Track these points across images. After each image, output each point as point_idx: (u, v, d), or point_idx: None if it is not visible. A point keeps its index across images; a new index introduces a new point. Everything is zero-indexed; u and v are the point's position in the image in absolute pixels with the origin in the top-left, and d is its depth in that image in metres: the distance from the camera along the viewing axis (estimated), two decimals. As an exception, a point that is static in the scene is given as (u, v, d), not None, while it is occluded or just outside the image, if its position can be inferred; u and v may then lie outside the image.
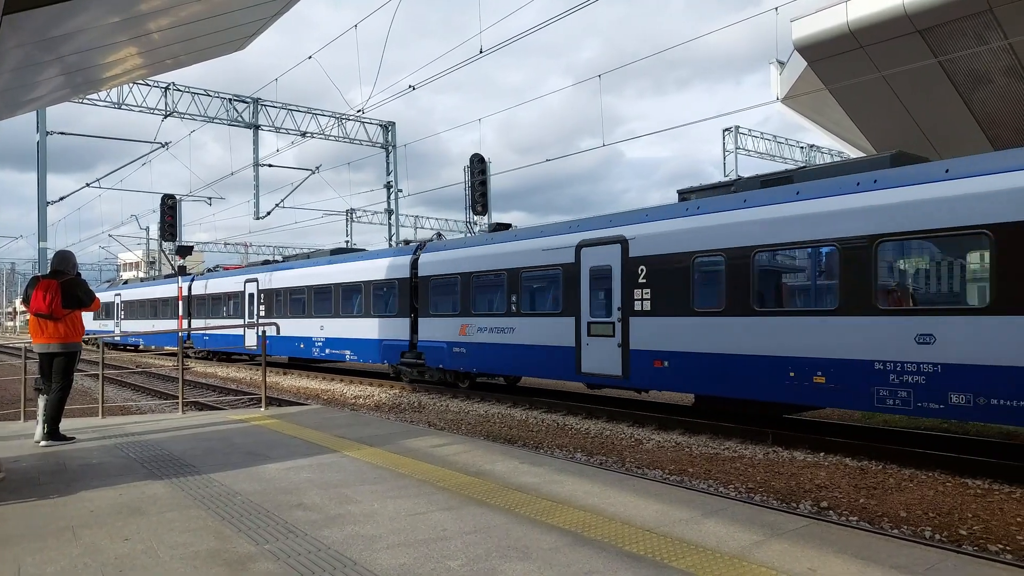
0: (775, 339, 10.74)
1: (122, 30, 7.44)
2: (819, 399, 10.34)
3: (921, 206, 9.19)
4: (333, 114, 30.57)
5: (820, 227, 10.26)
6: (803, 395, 10.44)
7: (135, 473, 6.66)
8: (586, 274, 14.03)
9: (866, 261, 9.68)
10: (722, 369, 11.48)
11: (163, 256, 48.22)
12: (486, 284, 16.66)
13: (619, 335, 13.24)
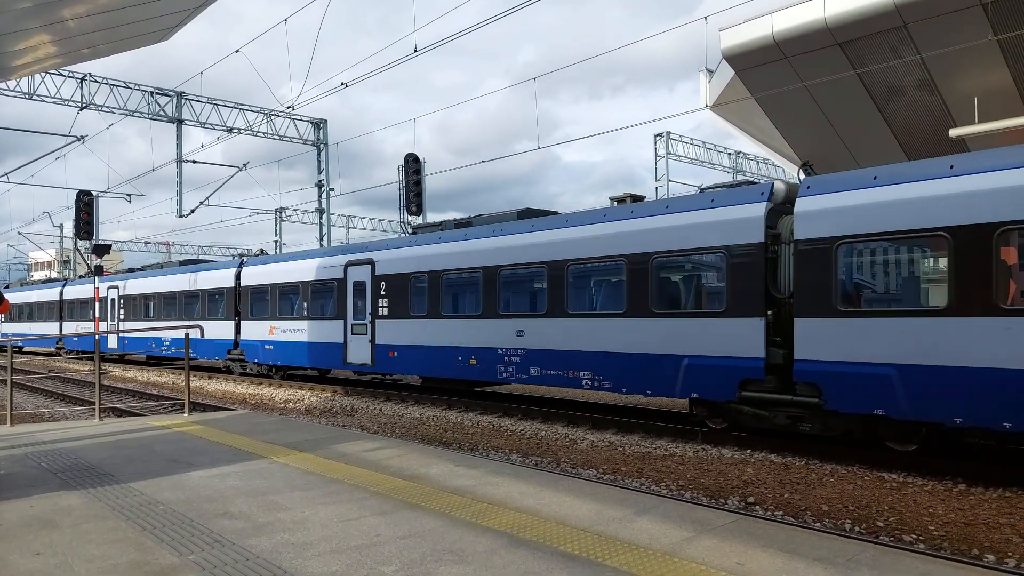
0: (453, 335, 15.29)
1: (34, 16, 7.08)
2: (475, 375, 14.88)
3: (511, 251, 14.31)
4: (262, 110, 29.83)
5: (472, 259, 15.07)
6: (468, 373, 14.95)
7: (48, 484, 6.32)
8: (350, 287, 18.21)
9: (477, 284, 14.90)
10: (429, 356, 15.93)
11: (78, 255, 46.16)
12: (286, 292, 20.43)
13: (370, 333, 17.46)
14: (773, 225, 10.46)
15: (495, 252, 14.46)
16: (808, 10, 19.44)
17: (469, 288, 15.22)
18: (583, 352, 12.64)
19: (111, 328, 29.54)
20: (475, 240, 15.05)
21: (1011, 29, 15.94)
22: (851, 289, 9.70)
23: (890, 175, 9.27)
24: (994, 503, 7.48)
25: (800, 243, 9.82)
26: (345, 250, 19.39)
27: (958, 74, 19.18)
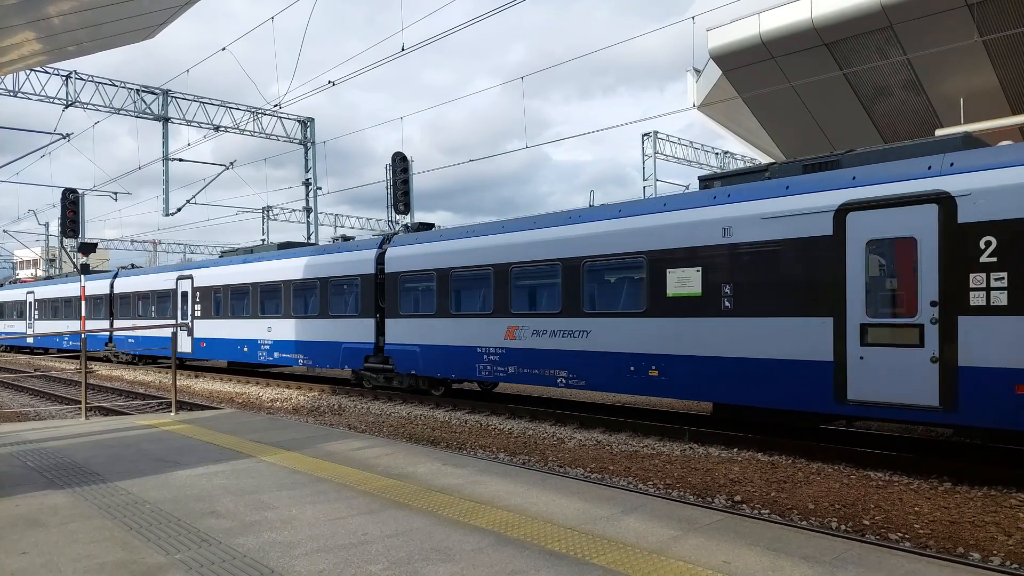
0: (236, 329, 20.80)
1: (18, 13, 7.01)
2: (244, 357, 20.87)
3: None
4: (248, 108, 29.68)
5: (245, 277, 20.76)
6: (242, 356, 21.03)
7: (33, 483, 6.28)
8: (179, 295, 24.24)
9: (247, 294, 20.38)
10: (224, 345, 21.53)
11: (64, 253, 45.78)
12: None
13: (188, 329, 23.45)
14: (382, 263, 16.93)
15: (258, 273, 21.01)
16: (795, 10, 19.55)
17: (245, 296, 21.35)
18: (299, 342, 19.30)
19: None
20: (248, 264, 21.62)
21: (997, 30, 16.08)
22: (405, 302, 16.29)
23: (428, 237, 16.34)
24: (979, 502, 7.55)
25: (387, 275, 16.69)
26: (176, 268, 26.09)
27: (944, 75, 19.34)
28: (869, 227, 9.20)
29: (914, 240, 8.81)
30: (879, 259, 9.26)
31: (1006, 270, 8.08)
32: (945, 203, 8.56)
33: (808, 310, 9.72)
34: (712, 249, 10.75)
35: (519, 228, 13.95)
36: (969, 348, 8.32)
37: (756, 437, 10.48)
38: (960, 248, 8.40)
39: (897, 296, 9.09)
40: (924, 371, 8.64)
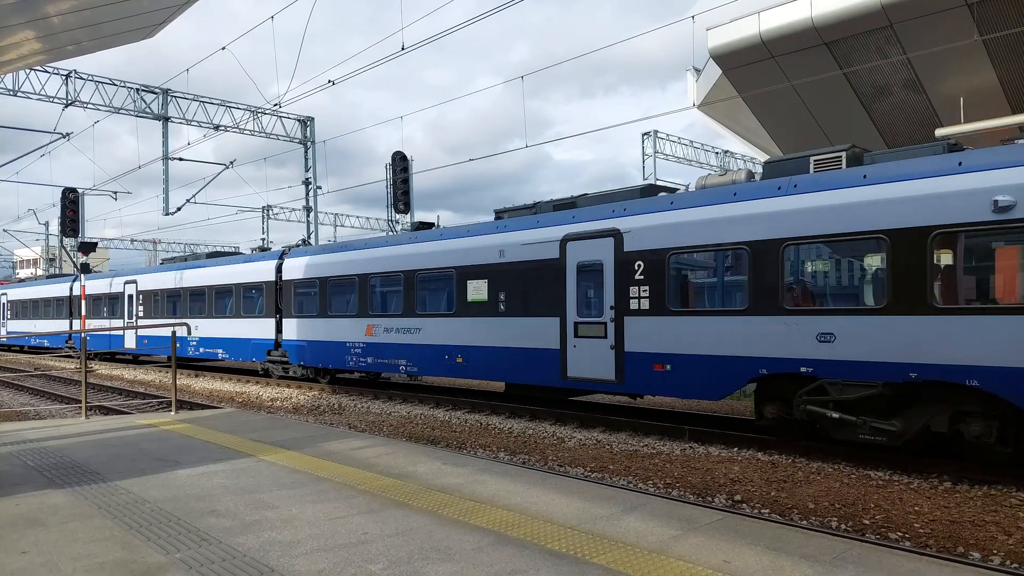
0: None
1: (18, 12, 7.01)
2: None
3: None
4: (248, 107, 29.66)
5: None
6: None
7: (34, 482, 6.28)
8: (126, 298, 26.97)
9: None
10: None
11: (64, 253, 45.77)
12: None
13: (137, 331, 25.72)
14: (281, 271, 19.92)
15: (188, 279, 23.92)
16: (795, 10, 19.54)
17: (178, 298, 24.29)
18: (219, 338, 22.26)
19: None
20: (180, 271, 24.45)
21: (996, 29, 16.08)
22: (296, 305, 19.19)
23: (314, 250, 19.68)
24: (979, 501, 7.55)
25: (283, 282, 19.79)
26: (125, 273, 28.86)
27: (944, 74, 19.33)
28: (579, 252, 12.48)
29: (601, 262, 12.08)
30: (584, 276, 12.44)
31: (648, 285, 11.40)
32: (617, 237, 11.81)
33: (548, 312, 12.91)
34: (494, 266, 13.88)
35: (377, 245, 17.16)
36: (630, 339, 11.66)
37: (756, 437, 10.49)
38: (625, 269, 11.66)
39: (593, 302, 12.30)
40: (607, 355, 11.99)
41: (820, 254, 9.97)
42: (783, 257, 9.76)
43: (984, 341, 8.07)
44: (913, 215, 8.61)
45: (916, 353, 8.58)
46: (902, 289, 8.66)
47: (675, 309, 11.10)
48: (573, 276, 12.54)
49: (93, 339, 28.49)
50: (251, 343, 20.88)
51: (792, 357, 9.68)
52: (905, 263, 8.65)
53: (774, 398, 10.17)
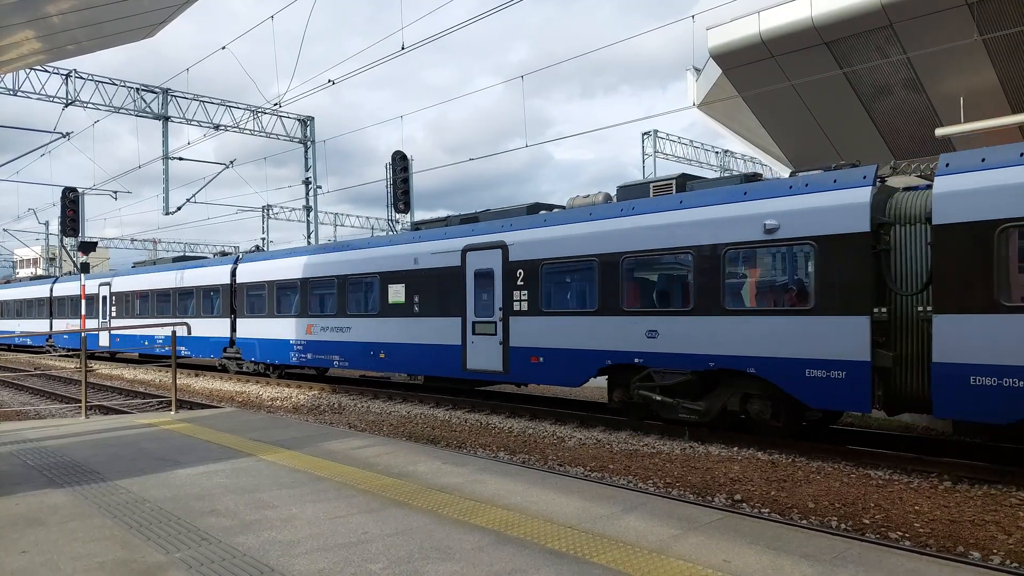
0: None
1: (18, 12, 7.00)
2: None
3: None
4: (248, 107, 29.66)
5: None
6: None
7: (33, 481, 6.28)
8: (100, 299, 28.68)
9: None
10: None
11: (64, 252, 45.76)
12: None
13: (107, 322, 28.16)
14: (235, 276, 21.65)
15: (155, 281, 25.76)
16: (795, 9, 19.52)
17: (147, 299, 26.07)
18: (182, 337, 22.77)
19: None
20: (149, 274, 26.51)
21: (996, 29, 16.07)
22: (248, 306, 21.19)
23: (263, 256, 21.89)
24: (979, 500, 7.55)
25: (237, 285, 21.45)
26: (100, 275, 30.47)
27: (944, 73, 19.31)
28: (476, 261, 14.33)
29: (492, 270, 13.97)
30: (480, 281, 14.22)
31: (526, 289, 13.32)
32: (504, 248, 13.75)
33: (452, 312, 14.75)
34: (410, 272, 15.75)
35: (316, 252, 19.22)
36: (513, 336, 13.52)
37: (756, 436, 10.49)
38: (510, 276, 13.59)
39: (486, 304, 14.09)
40: (497, 350, 13.84)
41: (649, 265, 11.93)
42: (622, 267, 11.87)
43: (759, 337, 10.15)
44: (711, 234, 10.69)
45: (713, 346, 10.64)
46: (703, 294, 10.73)
47: (546, 310, 13.11)
48: (471, 282, 14.46)
49: (71, 337, 30.48)
50: (209, 341, 22.63)
51: (629, 350, 11.75)
52: (705, 273, 10.76)
53: (619, 385, 12.20)
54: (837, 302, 9.45)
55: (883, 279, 9.21)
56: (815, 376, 9.62)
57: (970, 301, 8.34)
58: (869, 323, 9.13)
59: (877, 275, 9.24)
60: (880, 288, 9.24)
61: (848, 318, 9.34)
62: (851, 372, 9.26)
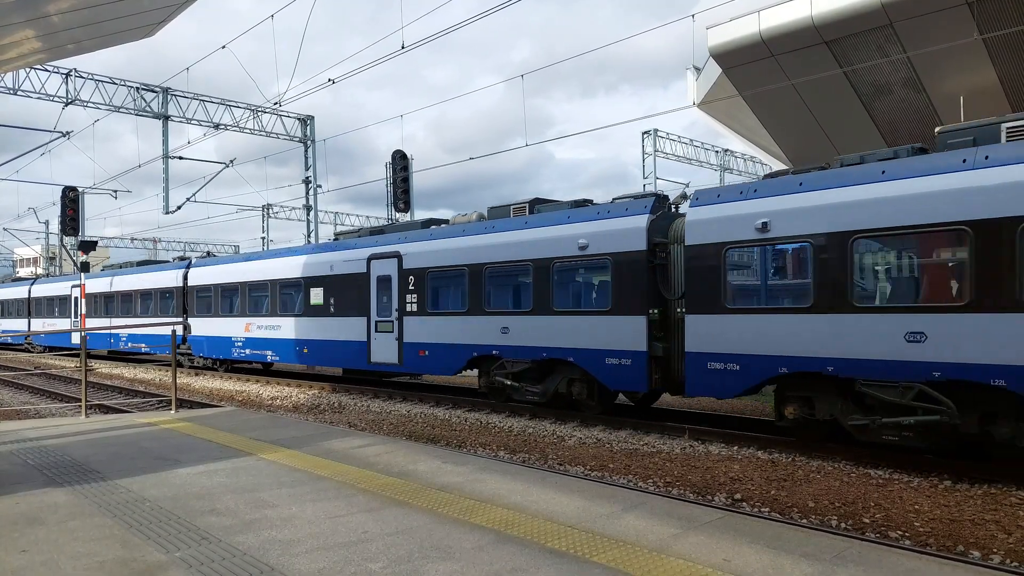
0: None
1: (17, 11, 7.00)
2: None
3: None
4: (248, 106, 29.64)
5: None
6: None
7: (33, 480, 6.28)
8: (72, 300, 30.32)
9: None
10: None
11: (64, 251, 45.75)
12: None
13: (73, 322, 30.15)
14: (187, 279, 23.80)
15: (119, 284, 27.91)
16: (795, 8, 19.51)
17: (112, 301, 28.03)
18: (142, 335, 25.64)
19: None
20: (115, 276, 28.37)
21: (996, 28, 16.06)
22: (197, 307, 23.32)
23: (209, 262, 23.53)
24: (979, 500, 7.55)
25: (189, 288, 23.70)
26: (70, 277, 32.49)
27: (944, 73, 19.31)
28: (378, 268, 16.63)
29: (391, 276, 16.24)
30: (381, 286, 16.54)
31: (416, 293, 15.68)
32: (399, 258, 16.07)
33: (359, 313, 17.01)
34: (327, 277, 18.05)
35: (255, 258, 21.60)
36: (406, 333, 15.87)
37: (756, 435, 10.49)
38: (404, 281, 15.92)
39: (386, 306, 16.41)
40: (394, 345, 16.13)
41: (503, 273, 14.07)
42: (485, 275, 14.17)
43: (575, 332, 12.59)
44: (544, 250, 13.10)
45: (546, 340, 13.04)
46: (539, 298, 13.15)
47: (430, 311, 15.40)
48: (375, 286, 16.71)
49: (47, 336, 33.48)
50: (165, 338, 24.35)
51: (489, 343, 14.07)
52: (540, 280, 13.14)
53: (484, 372, 14.47)
54: (625, 305, 11.89)
55: (658, 287, 11.68)
56: (612, 363, 12.08)
57: (707, 304, 10.60)
58: (646, 322, 11.66)
59: (653, 284, 11.70)
60: (656, 294, 11.70)
61: (632, 317, 11.83)
62: (634, 360, 11.76)
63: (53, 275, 42.87)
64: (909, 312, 8.68)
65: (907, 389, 8.62)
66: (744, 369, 10.21)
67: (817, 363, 9.39)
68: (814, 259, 9.49)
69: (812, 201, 9.56)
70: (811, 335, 9.47)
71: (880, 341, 8.82)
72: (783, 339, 9.77)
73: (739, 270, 10.63)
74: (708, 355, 10.58)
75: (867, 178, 9.15)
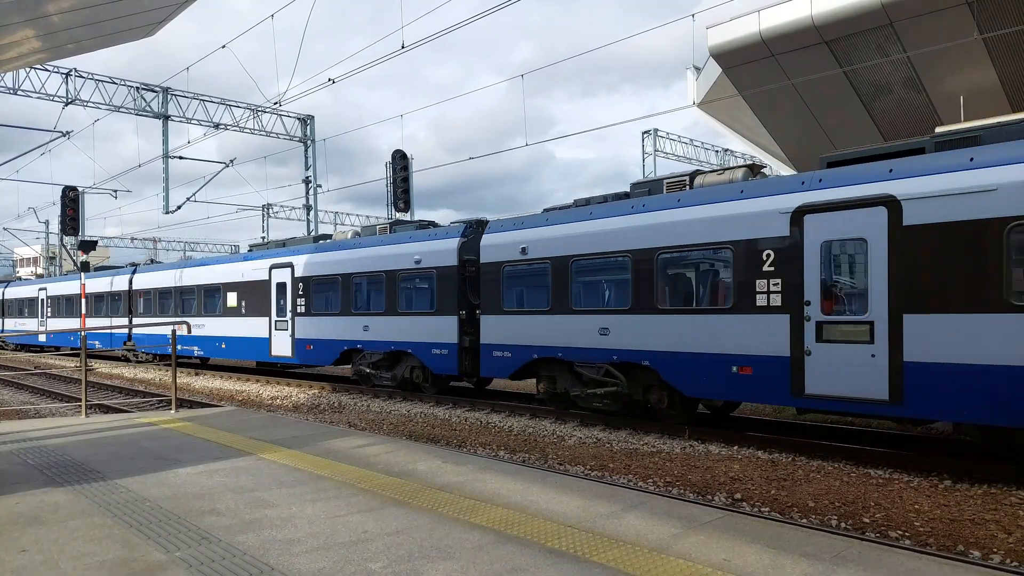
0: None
1: (17, 11, 6.99)
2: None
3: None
4: (248, 106, 29.64)
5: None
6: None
7: (33, 480, 6.28)
8: (39, 301, 34.28)
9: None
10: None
11: (64, 251, 45.75)
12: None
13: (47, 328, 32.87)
14: (132, 283, 27.22)
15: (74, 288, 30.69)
16: (795, 8, 19.50)
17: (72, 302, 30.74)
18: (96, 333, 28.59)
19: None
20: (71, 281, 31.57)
21: (996, 28, 16.05)
22: (143, 308, 26.63)
23: (154, 268, 26.61)
24: (979, 499, 7.55)
25: (133, 291, 27.33)
26: (38, 281, 37.12)
27: (944, 72, 19.30)
28: (277, 276, 19.96)
29: (286, 283, 19.60)
30: (280, 290, 19.84)
31: (304, 296, 19.00)
32: (292, 267, 19.43)
33: (263, 313, 20.38)
34: (239, 283, 21.35)
35: (188, 266, 24.82)
36: (298, 330, 19.21)
37: (756, 435, 10.49)
38: (296, 287, 19.20)
39: (283, 308, 19.68)
40: (288, 341, 19.47)
41: (364, 281, 17.38)
42: (352, 282, 17.59)
43: (412, 329, 15.99)
44: (391, 263, 16.52)
45: (393, 335, 16.44)
46: (389, 301, 16.51)
47: (314, 312, 18.71)
48: (275, 291, 19.96)
49: (16, 335, 37.43)
50: (114, 336, 28.07)
51: (355, 339, 17.49)
52: (390, 288, 16.54)
53: (352, 363, 17.88)
54: (444, 307, 15.31)
55: (467, 294, 14.99)
56: (436, 353, 15.41)
57: (493, 307, 14.12)
58: (458, 320, 15.00)
59: (464, 291, 15.02)
60: (465, 299, 15.02)
61: (449, 317, 15.19)
62: (450, 350, 15.13)
63: (26, 279, 46.44)
64: (600, 314, 12.24)
65: (600, 368, 12.28)
66: (514, 355, 13.71)
67: (553, 351, 13.00)
68: (552, 275, 12.97)
69: (551, 233, 13.10)
70: (549, 330, 13.03)
71: (585, 334, 12.38)
72: (535, 333, 13.30)
73: (511, 282, 13.89)
74: (494, 346, 14.10)
75: (581, 217, 12.70)
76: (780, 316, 9.70)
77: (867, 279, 8.91)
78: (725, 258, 10.40)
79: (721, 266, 10.61)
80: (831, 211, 9.24)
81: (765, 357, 9.86)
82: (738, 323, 10.17)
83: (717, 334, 10.42)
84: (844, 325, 9.11)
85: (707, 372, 10.59)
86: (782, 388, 9.67)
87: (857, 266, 9.20)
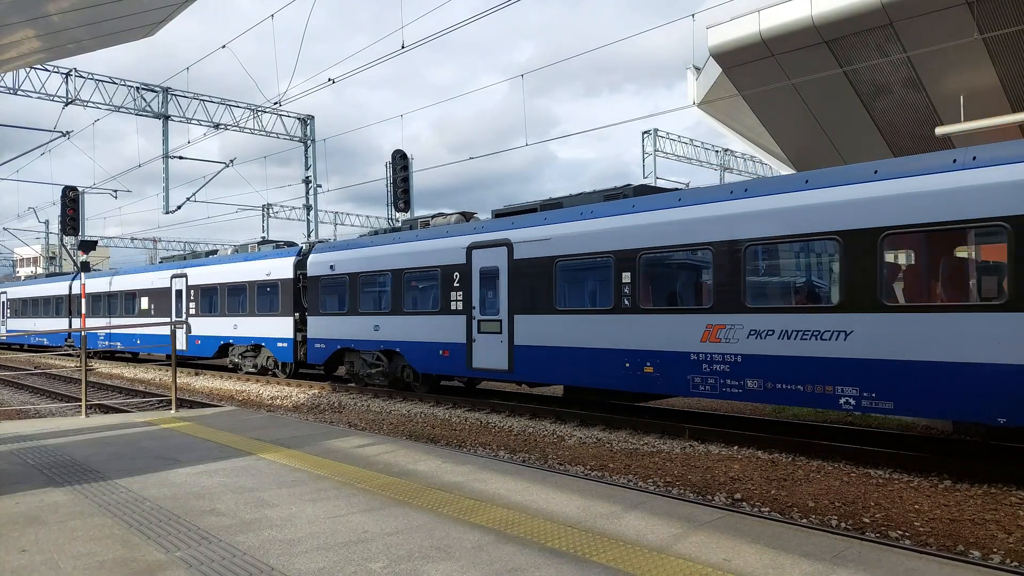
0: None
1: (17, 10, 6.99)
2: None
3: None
4: (248, 106, 29.64)
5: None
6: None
7: (33, 480, 6.28)
8: (3, 303, 38.80)
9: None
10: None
11: (64, 251, 45.76)
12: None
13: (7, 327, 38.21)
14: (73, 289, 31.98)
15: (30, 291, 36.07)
16: (795, 8, 19.48)
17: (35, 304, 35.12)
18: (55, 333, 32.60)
19: None
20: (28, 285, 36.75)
21: (997, 28, 16.04)
22: (94, 309, 29.74)
23: (101, 274, 31.38)
24: (979, 499, 7.55)
25: (73, 297, 32.14)
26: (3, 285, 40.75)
27: (944, 72, 19.29)
28: (176, 284, 24.24)
29: (182, 290, 23.91)
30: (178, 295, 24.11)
31: (195, 301, 23.59)
32: (186, 276, 23.85)
33: (167, 314, 24.14)
34: (150, 289, 25.88)
35: (121, 273, 28.76)
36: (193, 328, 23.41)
37: (756, 435, 10.49)
38: (189, 293, 23.59)
39: (180, 309, 23.65)
40: (183, 337, 23.47)
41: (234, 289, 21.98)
42: (227, 290, 22.06)
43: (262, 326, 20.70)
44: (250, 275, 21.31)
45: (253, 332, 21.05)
46: (249, 305, 20.78)
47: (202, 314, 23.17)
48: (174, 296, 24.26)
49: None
50: (58, 335, 31.66)
51: (228, 335, 22.03)
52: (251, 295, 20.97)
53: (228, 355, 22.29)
54: (284, 310, 19.72)
55: (301, 300, 19.36)
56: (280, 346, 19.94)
57: (315, 310, 18.52)
58: (293, 320, 19.48)
59: (298, 298, 19.44)
60: (299, 304, 19.41)
61: (287, 318, 19.67)
62: (288, 343, 19.65)
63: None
64: (374, 315, 16.75)
65: (374, 354, 16.81)
66: (327, 346, 18.08)
67: (348, 342, 17.45)
68: (349, 286, 17.49)
69: (349, 256, 17.59)
70: (347, 327, 17.46)
71: (365, 330, 16.85)
72: (339, 329, 17.71)
73: (326, 290, 18.21)
74: (315, 339, 18.53)
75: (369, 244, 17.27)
76: (461, 316, 14.37)
77: (498, 292, 13.64)
78: (437, 276, 15.01)
79: (437, 282, 15.03)
80: (484, 248, 14.01)
81: (455, 343, 14.51)
82: (443, 321, 14.76)
83: (433, 329, 15.05)
84: (489, 321, 13.85)
85: (428, 355, 15.23)
86: (464, 363, 14.38)
87: (497, 283, 13.73)
